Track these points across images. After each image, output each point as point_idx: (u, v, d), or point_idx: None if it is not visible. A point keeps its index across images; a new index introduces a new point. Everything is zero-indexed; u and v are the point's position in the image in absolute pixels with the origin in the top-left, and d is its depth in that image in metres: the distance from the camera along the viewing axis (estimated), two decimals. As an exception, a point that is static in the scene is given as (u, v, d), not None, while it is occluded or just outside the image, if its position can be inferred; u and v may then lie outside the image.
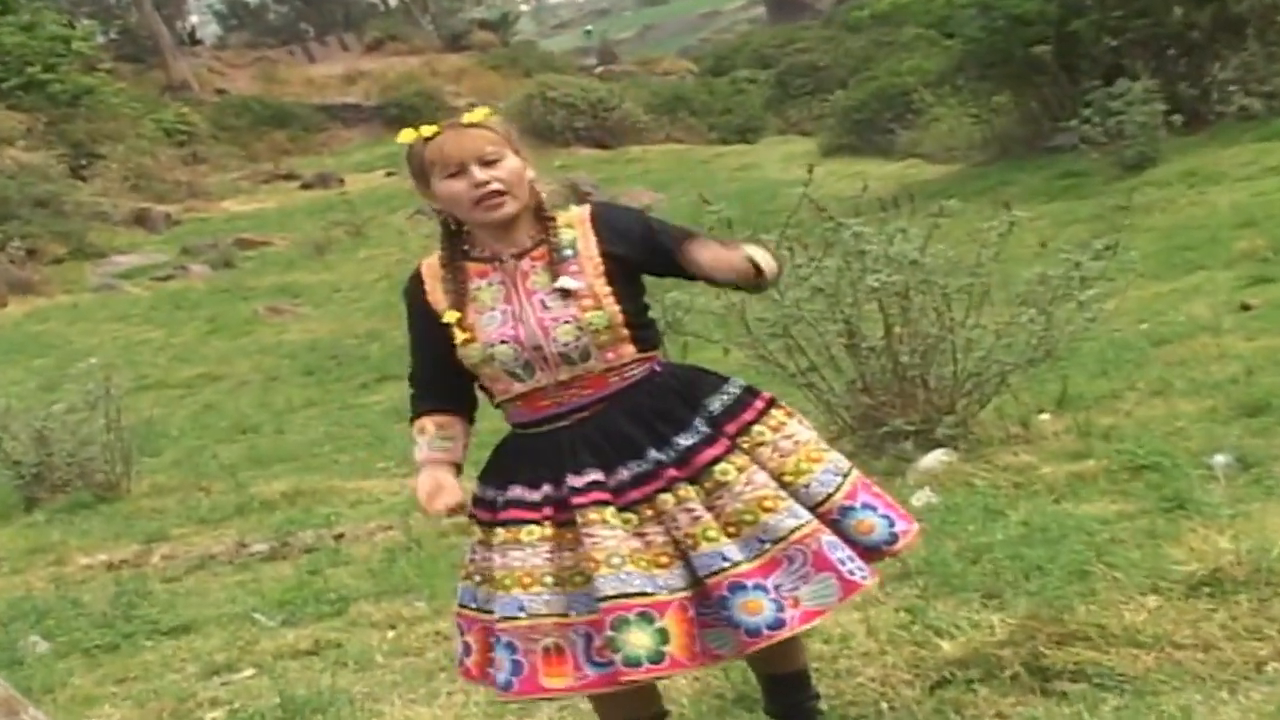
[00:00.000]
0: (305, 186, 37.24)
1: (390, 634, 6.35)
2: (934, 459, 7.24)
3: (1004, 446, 7.32)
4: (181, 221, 33.30)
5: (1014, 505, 6.26)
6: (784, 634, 3.56)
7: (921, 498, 6.64)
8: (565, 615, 3.57)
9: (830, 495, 3.71)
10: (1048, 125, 21.47)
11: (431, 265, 3.78)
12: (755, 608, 3.53)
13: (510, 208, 3.67)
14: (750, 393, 3.82)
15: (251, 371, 18.32)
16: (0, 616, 7.80)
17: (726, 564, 3.54)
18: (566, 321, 3.62)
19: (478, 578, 3.78)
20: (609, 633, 3.48)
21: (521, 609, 3.59)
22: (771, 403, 3.82)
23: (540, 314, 3.63)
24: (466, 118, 3.72)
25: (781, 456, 3.72)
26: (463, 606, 3.85)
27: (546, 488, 3.64)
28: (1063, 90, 20.92)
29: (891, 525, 3.78)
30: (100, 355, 16.61)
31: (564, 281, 3.63)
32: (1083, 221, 15.18)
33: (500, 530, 3.67)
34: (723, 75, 48.93)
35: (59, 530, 10.40)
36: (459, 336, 3.66)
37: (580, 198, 29.90)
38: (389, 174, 36.84)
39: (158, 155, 37.54)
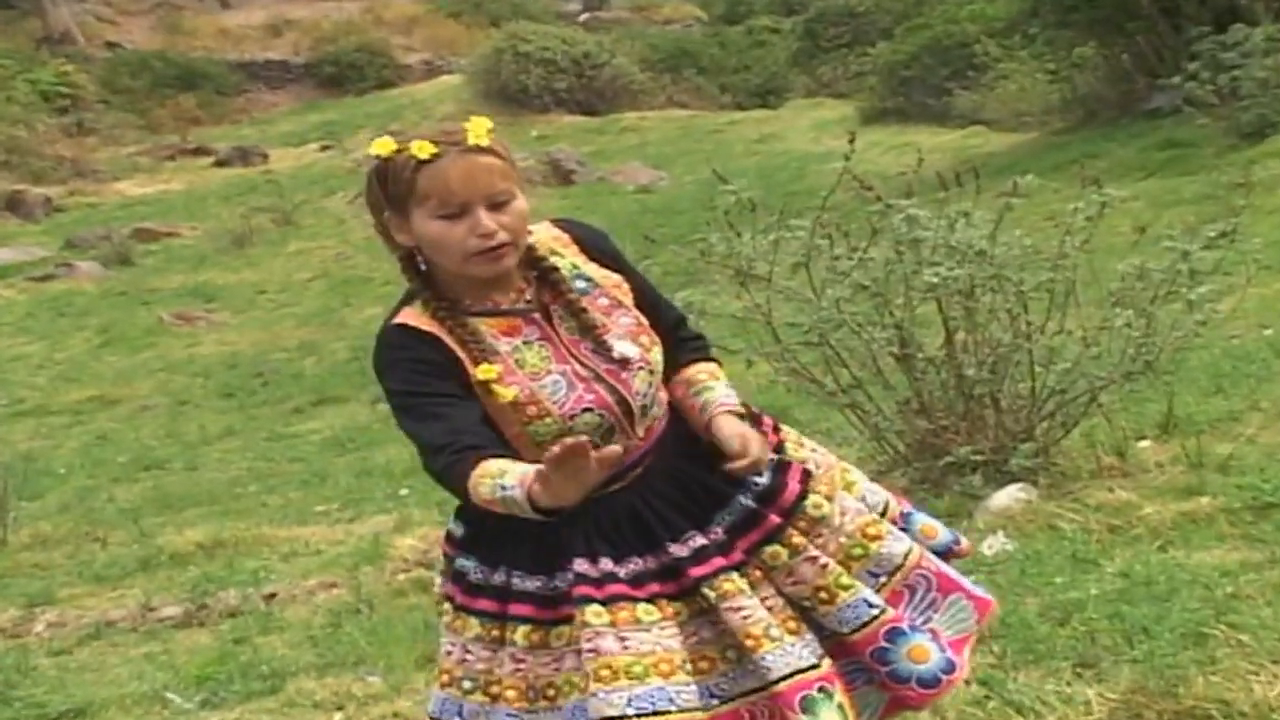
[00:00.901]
0: (220, 164, 37.32)
1: (337, 717, 6.35)
2: (1008, 496, 7.25)
3: (1095, 481, 7.33)
4: (65, 208, 33.38)
5: (1110, 553, 6.27)
6: (959, 676, 3.65)
7: (994, 544, 6.66)
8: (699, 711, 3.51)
9: (888, 505, 3.87)
10: (1143, 83, 21.55)
11: (419, 316, 3.59)
12: (922, 654, 3.59)
13: (510, 260, 3.57)
14: (747, 409, 3.84)
15: (155, 393, 18.34)
16: None
17: (876, 610, 3.59)
18: (640, 368, 3.61)
19: (467, 684, 3.66)
20: (801, 717, 3.47)
21: (671, 701, 3.46)
22: (774, 420, 3.91)
23: (607, 365, 3.58)
24: (472, 136, 3.52)
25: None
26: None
27: (636, 561, 3.59)
28: (1162, 40, 20.97)
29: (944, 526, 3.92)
30: (-37, 374, 16.66)
31: (625, 349, 3.59)
32: (1189, 203, 15.22)
33: (603, 609, 3.49)
34: (738, 24, 49.02)
35: (-85, 593, 10.39)
36: (506, 395, 3.51)
37: (563, 177, 30.18)
38: (324, 148, 36.98)
39: (33, 125, 37.60)
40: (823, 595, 3.58)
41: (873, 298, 7.61)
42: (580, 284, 3.66)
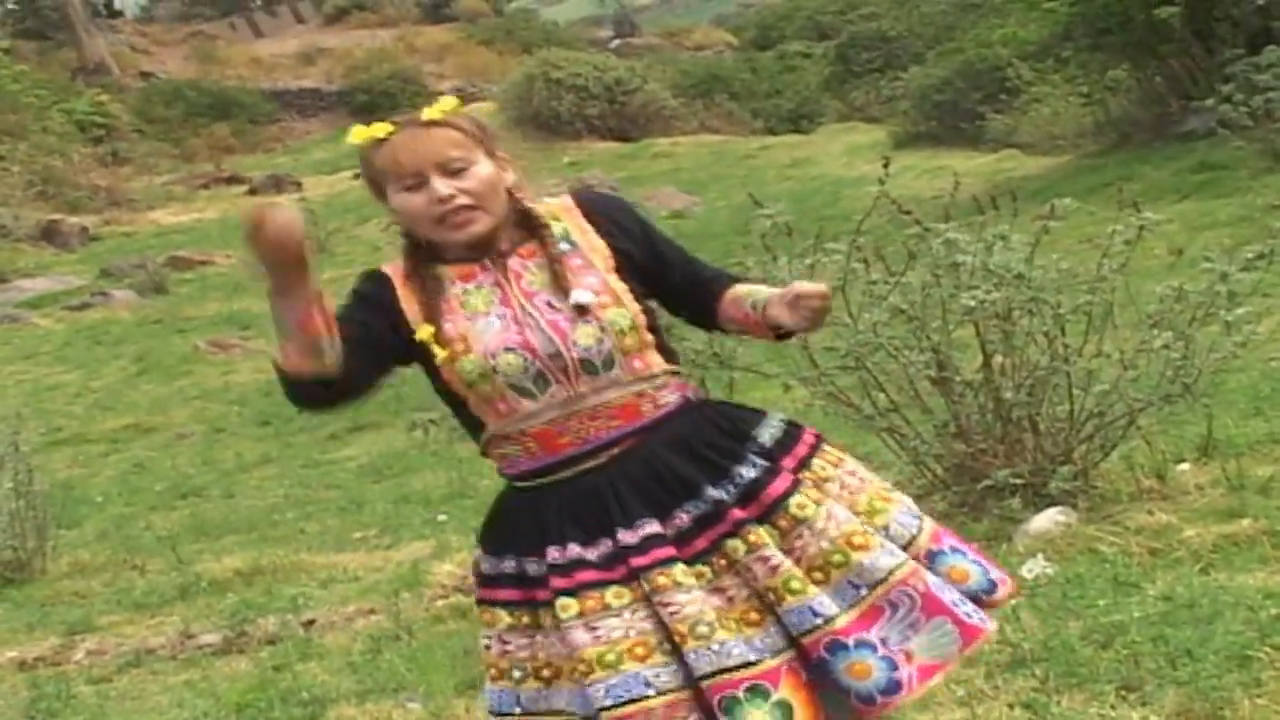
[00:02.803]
0: (253, 192, 37.34)
1: (377, 743, 6.37)
2: (1048, 519, 7.23)
3: (1135, 504, 7.30)
4: (100, 237, 33.53)
5: (1151, 576, 6.25)
6: (903, 698, 3.54)
7: (1034, 567, 6.63)
8: (686, 689, 3.52)
9: (914, 538, 3.72)
10: (1177, 106, 21.51)
11: (398, 270, 3.79)
12: (862, 671, 3.52)
13: (480, 225, 3.69)
14: (796, 425, 3.84)
15: (191, 421, 18.38)
16: (-115, 728, 7.85)
17: (819, 620, 3.52)
18: (586, 322, 3.63)
19: (517, 673, 3.71)
20: (721, 719, 3.45)
21: (649, 685, 3.49)
22: (820, 438, 3.85)
23: (551, 315, 3.64)
24: (427, 113, 3.72)
25: (851, 494, 3.73)
26: (501, 715, 3.75)
27: (606, 543, 3.60)
28: (1196, 62, 20.95)
29: (986, 572, 3.78)
30: (1, 403, 16.69)
31: (579, 295, 3.65)
32: (1224, 225, 15.20)
33: (571, 601, 3.58)
34: (769, 49, 49.14)
35: (-44, 621, 10.42)
36: (440, 353, 3.64)
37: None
38: (357, 175, 36.76)
39: (69, 154, 37.78)
40: (770, 597, 3.54)
41: (910, 321, 7.59)
42: (564, 245, 3.73)
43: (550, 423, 3.63)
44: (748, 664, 3.46)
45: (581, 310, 3.62)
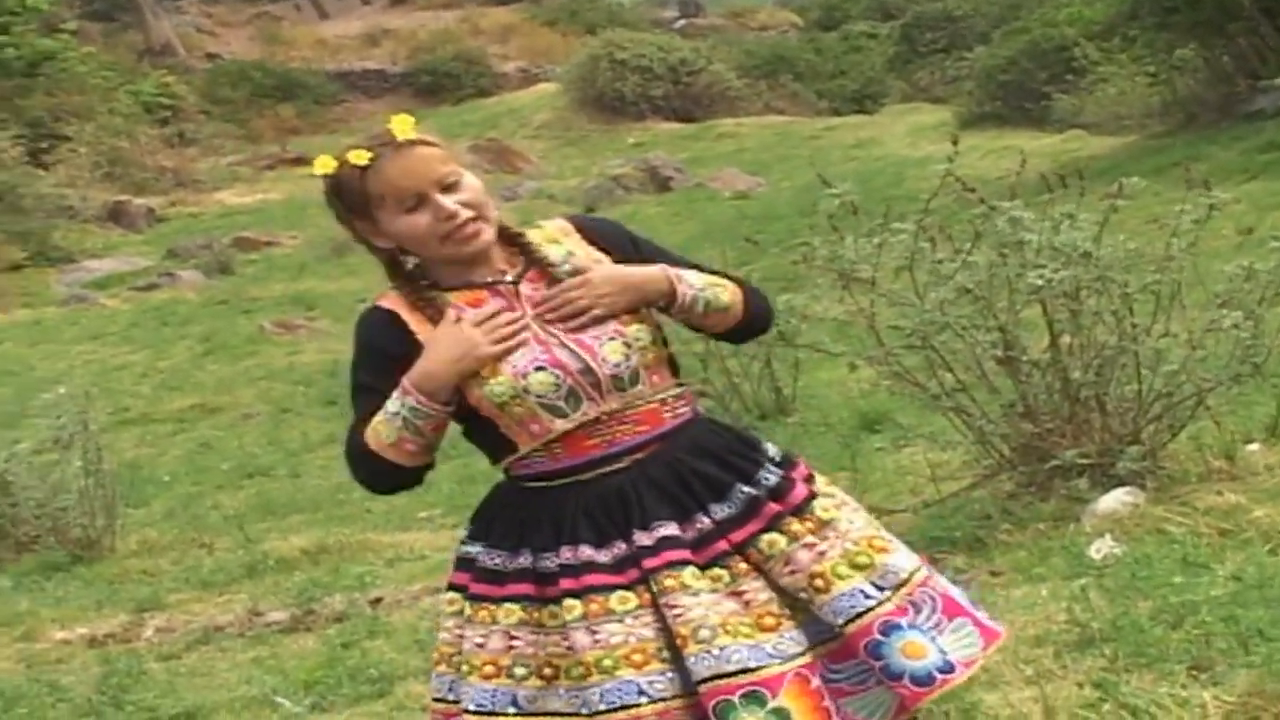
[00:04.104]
0: (318, 173, 37.49)
1: (445, 720, 6.37)
2: (1115, 500, 7.20)
3: (1204, 484, 7.26)
4: (166, 218, 33.72)
5: (1220, 557, 6.22)
6: (957, 679, 3.52)
7: (1101, 548, 6.61)
8: (682, 697, 3.51)
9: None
10: (1245, 85, 21.36)
11: (399, 304, 3.73)
12: (918, 651, 3.49)
13: (487, 234, 3.69)
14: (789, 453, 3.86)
15: (257, 401, 18.49)
16: (-40, 703, 7.90)
17: (872, 601, 3.51)
18: (612, 338, 3.63)
19: (520, 671, 3.63)
20: None
21: (642, 693, 3.49)
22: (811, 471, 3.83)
23: (574, 334, 3.63)
24: (398, 132, 3.65)
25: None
26: (492, 715, 3.65)
27: (620, 546, 3.60)
28: (1264, 41, 20.81)
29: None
30: (70, 383, 16.69)
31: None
32: (1293, 204, 15.12)
33: (576, 602, 3.56)
34: (834, 29, 49.02)
35: (27, 598, 10.52)
36: (472, 375, 3.61)
37: (660, 183, 30.19)
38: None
39: (135, 136, 37.92)
40: (818, 583, 3.52)
41: (976, 301, 7.57)
42: (567, 266, 3.71)
43: (580, 427, 3.62)
44: (746, 670, 3.43)
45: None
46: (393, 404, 3.60)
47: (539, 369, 3.59)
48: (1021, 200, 7.75)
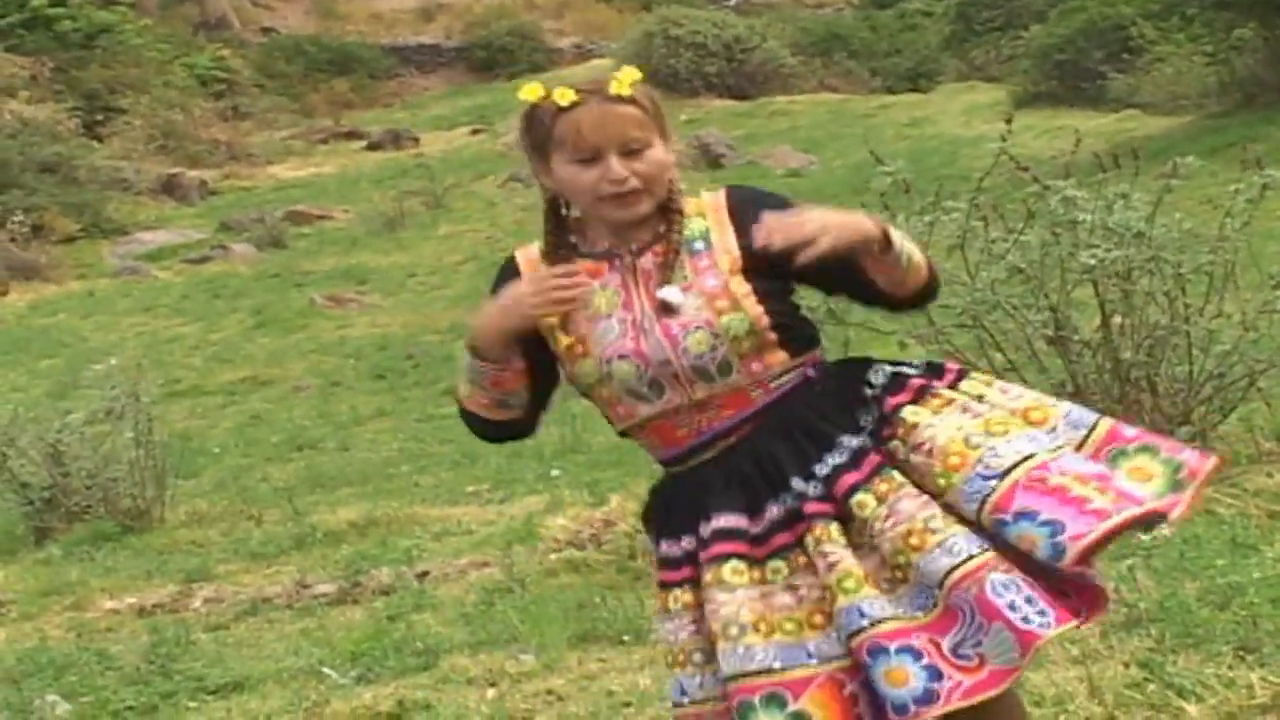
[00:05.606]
0: (372, 147, 37.64)
1: (490, 693, 6.39)
2: (1165, 481, 7.17)
3: (1254, 466, 7.25)
4: (219, 191, 33.81)
5: (1269, 539, 6.20)
6: (938, 709, 3.34)
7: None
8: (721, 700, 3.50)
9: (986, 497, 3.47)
10: (1304, 66, 21.25)
11: (530, 256, 3.74)
12: (899, 678, 3.35)
13: (645, 207, 3.62)
14: (909, 372, 3.66)
15: (308, 375, 18.55)
16: (10, 671, 7.94)
17: (865, 621, 3.39)
18: (699, 327, 3.55)
19: (698, 656, 3.58)
20: None
21: (684, 693, 3.55)
22: (937, 378, 3.66)
23: (666, 321, 3.57)
24: (614, 86, 3.58)
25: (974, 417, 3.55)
26: (676, 705, 3.64)
27: (686, 541, 3.58)
28: (1324, 21, 20.70)
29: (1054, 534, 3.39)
30: (122, 355, 16.82)
31: (667, 293, 3.58)
32: (1350, 186, 15.02)
33: (660, 596, 3.62)
34: (889, 7, 48.82)
35: (78, 567, 10.58)
36: (563, 349, 3.63)
37: (712, 160, 30.17)
38: (475, 131, 37.14)
39: (190, 109, 38.03)
40: (829, 596, 3.42)
41: (1028, 280, 7.56)
42: (699, 244, 3.64)
43: (664, 415, 3.60)
44: (770, 670, 3.40)
45: (667, 309, 3.56)
46: (464, 357, 3.69)
47: (621, 357, 3.57)
48: (1075, 180, 7.74)
